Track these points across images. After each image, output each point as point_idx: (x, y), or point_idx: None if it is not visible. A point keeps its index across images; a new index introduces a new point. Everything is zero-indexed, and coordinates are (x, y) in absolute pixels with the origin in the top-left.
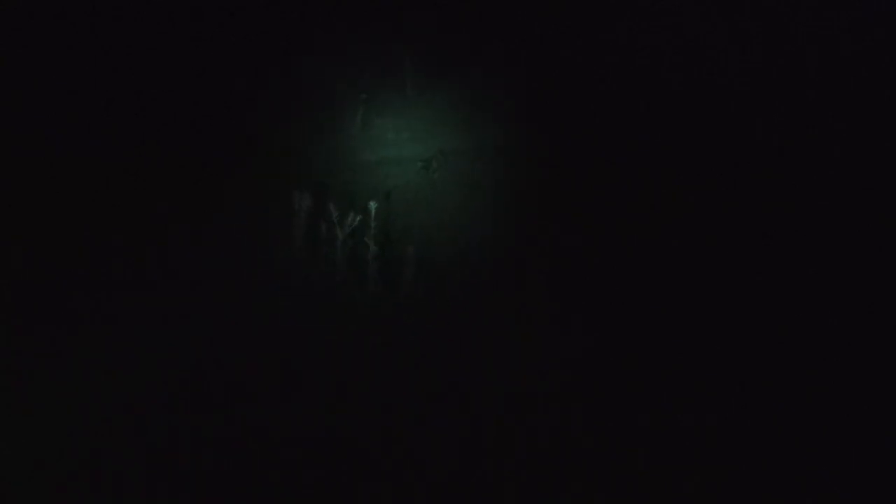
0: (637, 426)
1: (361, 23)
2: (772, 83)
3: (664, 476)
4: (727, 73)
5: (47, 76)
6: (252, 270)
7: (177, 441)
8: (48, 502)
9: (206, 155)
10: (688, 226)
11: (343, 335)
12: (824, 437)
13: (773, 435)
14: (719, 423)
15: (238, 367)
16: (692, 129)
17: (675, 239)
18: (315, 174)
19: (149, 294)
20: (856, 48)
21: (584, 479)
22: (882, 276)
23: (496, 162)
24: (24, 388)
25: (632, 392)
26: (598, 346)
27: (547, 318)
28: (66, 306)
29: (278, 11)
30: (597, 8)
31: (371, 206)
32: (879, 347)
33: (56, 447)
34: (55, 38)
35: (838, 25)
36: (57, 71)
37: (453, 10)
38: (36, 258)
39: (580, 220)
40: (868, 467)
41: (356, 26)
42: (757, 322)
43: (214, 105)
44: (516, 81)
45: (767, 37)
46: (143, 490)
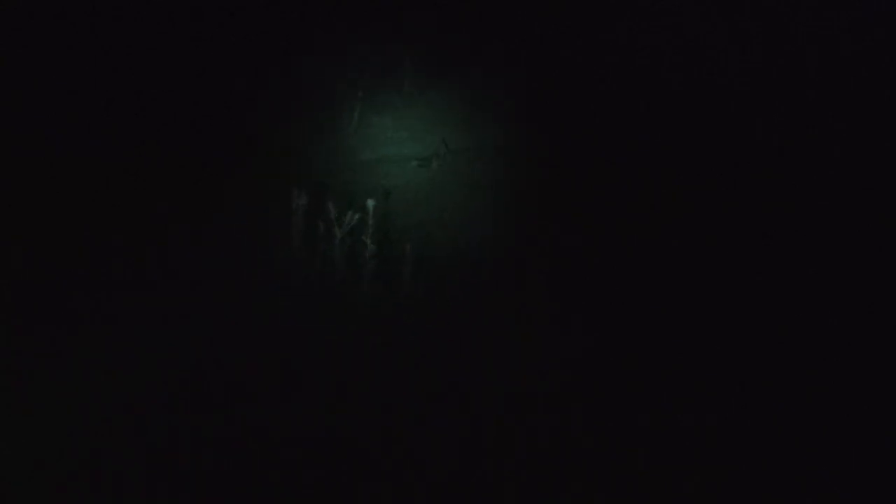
0: (637, 426)
1: (361, 22)
2: (772, 83)
3: (664, 476)
4: (727, 73)
5: (47, 76)
6: (252, 270)
7: (176, 441)
8: (48, 502)
9: (206, 155)
10: (688, 226)
11: (343, 335)
12: (825, 437)
13: (774, 435)
14: (720, 423)
15: (238, 367)
16: (692, 129)
17: (675, 239)
18: (314, 173)
19: (149, 294)
20: (856, 48)
21: (584, 479)
22: (882, 277)
23: (496, 161)
24: (24, 388)
25: (632, 392)
26: (598, 346)
27: (547, 318)
28: (66, 306)
29: (278, 11)
30: (597, 8)
31: (369, 205)
32: (880, 347)
33: (56, 447)
34: (55, 38)
35: (838, 25)
36: (57, 71)
37: (453, 9)
38: (36, 258)
39: (580, 220)
40: (868, 467)
41: (356, 26)
42: (757, 322)
43: (214, 105)
44: (516, 81)
45: (767, 37)
46: (143, 490)
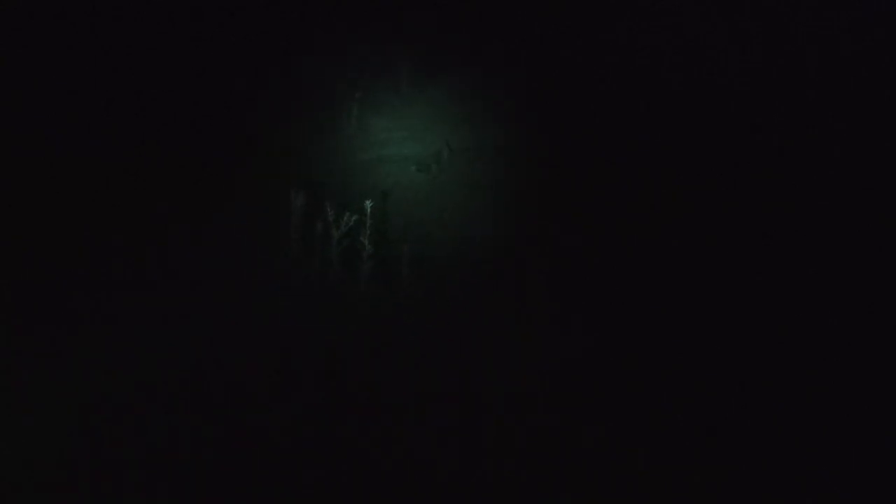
0: (637, 425)
1: (361, 22)
2: (772, 83)
3: (664, 474)
4: (727, 73)
5: (47, 76)
6: (252, 270)
7: (176, 441)
8: (48, 502)
9: (206, 155)
10: (688, 226)
11: (342, 335)
12: (824, 435)
13: (773, 434)
14: (719, 423)
15: (237, 366)
16: (692, 129)
17: (675, 239)
18: (314, 174)
19: (149, 294)
20: (856, 48)
21: (583, 478)
22: (882, 276)
23: (496, 162)
24: (24, 388)
25: (631, 391)
26: (597, 346)
27: (547, 318)
28: (66, 306)
29: (278, 11)
30: (597, 8)
31: (367, 206)
32: (879, 347)
33: (56, 447)
34: (55, 38)
35: (838, 25)
36: (57, 71)
37: (453, 10)
38: (36, 258)
39: (580, 220)
40: (868, 467)
41: (356, 26)
42: (757, 321)
43: (214, 105)
44: (516, 81)
45: (767, 37)
46: (143, 489)
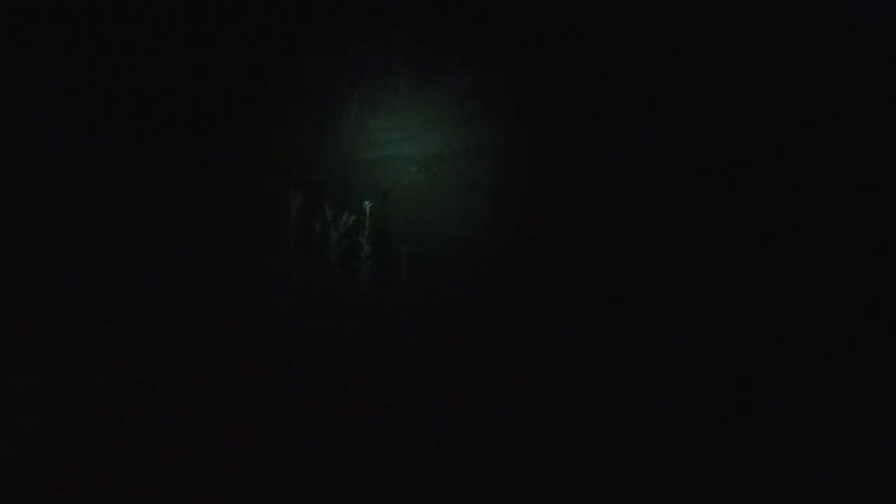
0: (637, 425)
1: (361, 22)
2: (772, 83)
3: (664, 474)
4: (727, 73)
5: (47, 76)
6: (252, 270)
7: (176, 441)
8: (48, 502)
9: (206, 155)
10: (688, 226)
11: (342, 334)
12: (824, 435)
13: (773, 434)
14: (719, 423)
15: (237, 366)
16: (692, 129)
17: (675, 239)
18: (314, 174)
19: (149, 294)
20: (856, 48)
21: (583, 478)
22: (882, 276)
23: (496, 162)
24: (24, 388)
25: (631, 391)
26: (597, 346)
27: (547, 318)
28: (66, 306)
29: (278, 11)
30: (597, 8)
31: (366, 206)
32: (879, 347)
33: (56, 447)
34: (55, 38)
35: (838, 25)
36: (57, 71)
37: (453, 10)
38: (36, 258)
39: (580, 220)
40: (868, 467)
41: (356, 26)
42: (757, 321)
43: (214, 105)
44: (516, 81)
45: (767, 37)
46: (143, 489)
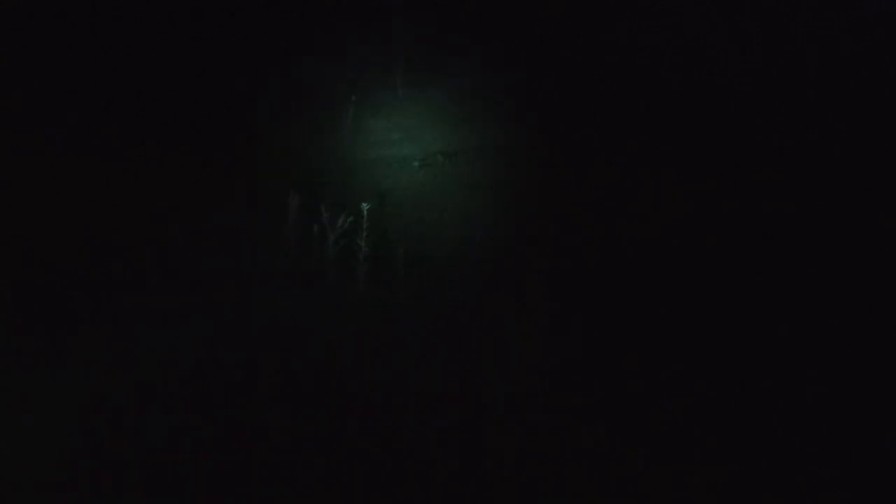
0: (637, 425)
1: (361, 22)
2: (772, 83)
3: (663, 474)
4: (727, 73)
5: (47, 76)
6: (252, 270)
7: (177, 441)
8: (48, 502)
9: (206, 155)
10: (688, 226)
11: (342, 334)
12: (824, 436)
13: (773, 434)
14: (719, 423)
15: (236, 366)
16: (692, 129)
17: (675, 239)
18: (313, 174)
19: (149, 294)
20: (856, 48)
21: (583, 478)
22: (882, 276)
23: (496, 162)
24: (24, 388)
25: (631, 391)
26: (597, 346)
27: (547, 318)
28: (66, 306)
29: (278, 11)
30: (597, 8)
31: (366, 206)
32: (879, 347)
33: (56, 447)
34: (55, 38)
35: (838, 25)
36: (57, 71)
37: (453, 10)
38: (36, 258)
39: (580, 220)
40: (868, 467)
41: (356, 26)
42: (757, 321)
43: (214, 105)
44: (516, 81)
45: (767, 37)
46: (143, 489)
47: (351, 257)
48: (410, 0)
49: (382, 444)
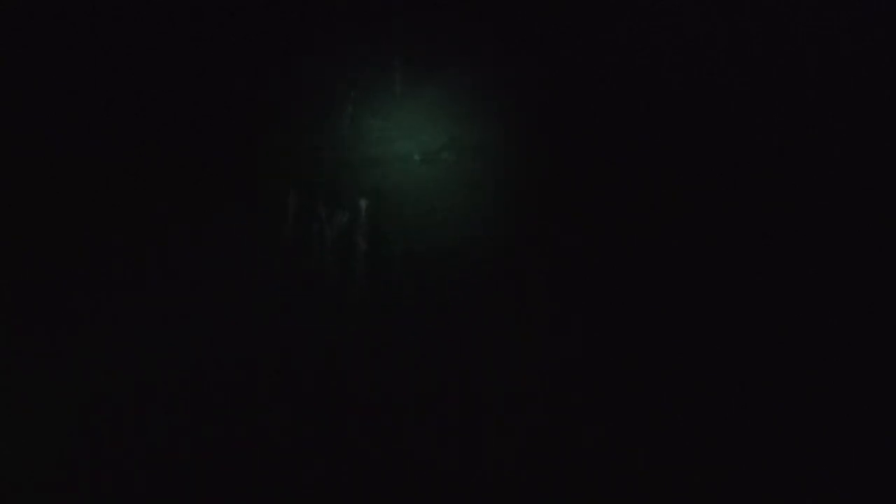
0: (637, 426)
1: (361, 22)
2: (772, 83)
3: (664, 476)
4: (727, 73)
5: (47, 76)
6: (253, 270)
7: (177, 441)
8: (48, 502)
9: (205, 155)
10: (688, 226)
11: (342, 334)
12: (825, 437)
13: (774, 435)
14: (720, 424)
15: (237, 367)
16: (692, 129)
17: (675, 239)
18: (313, 173)
19: (148, 294)
20: (856, 48)
21: (583, 479)
22: (882, 277)
23: (496, 161)
24: (24, 388)
25: (632, 392)
26: (598, 347)
27: (547, 319)
28: (66, 306)
29: (278, 11)
30: (597, 8)
31: (366, 205)
32: (879, 347)
33: (56, 447)
34: (55, 38)
35: (838, 25)
36: (57, 71)
37: (453, 9)
38: (36, 258)
39: (580, 220)
40: (868, 467)
41: (355, 26)
42: (757, 322)
43: (214, 105)
44: (516, 81)
45: (767, 37)
46: (143, 490)
47: (351, 257)
48: (410, 0)
49: (382, 444)
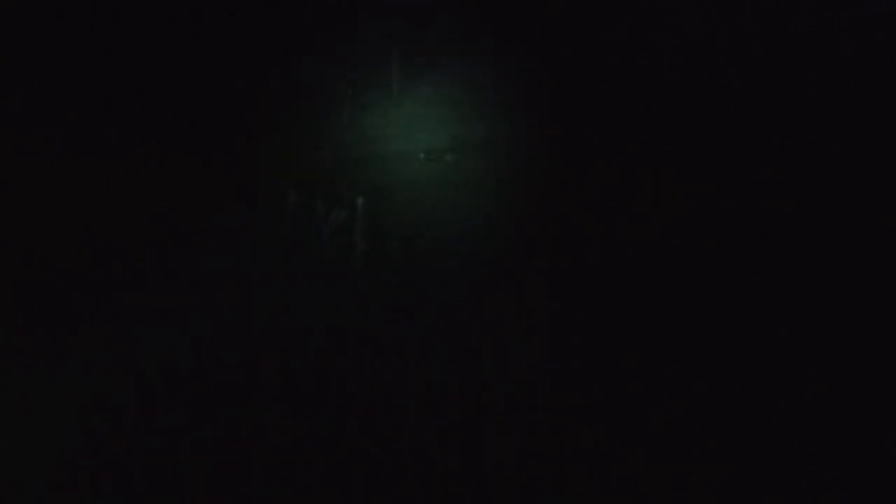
0: (636, 425)
1: (361, 22)
2: (772, 83)
3: (663, 474)
4: (727, 73)
5: (47, 76)
6: (253, 270)
7: (176, 441)
8: (48, 502)
9: (205, 155)
10: (688, 226)
11: (342, 334)
12: (824, 436)
13: (773, 435)
14: (719, 423)
15: (237, 367)
16: (692, 129)
17: (675, 239)
18: (313, 173)
19: (149, 294)
20: (856, 48)
21: (583, 478)
22: (882, 276)
23: (496, 161)
24: (24, 388)
25: (631, 391)
26: (597, 346)
27: (547, 318)
28: (66, 306)
29: (278, 11)
30: (597, 8)
31: (366, 204)
32: (879, 347)
33: (56, 446)
34: (55, 38)
35: (838, 25)
36: (57, 71)
37: (454, 10)
38: (36, 258)
39: (580, 220)
40: (868, 467)
41: (355, 26)
42: (757, 320)
43: (214, 105)
44: (517, 81)
45: (767, 37)
46: (142, 489)
47: (351, 256)
48: (410, 0)
49: (382, 444)
